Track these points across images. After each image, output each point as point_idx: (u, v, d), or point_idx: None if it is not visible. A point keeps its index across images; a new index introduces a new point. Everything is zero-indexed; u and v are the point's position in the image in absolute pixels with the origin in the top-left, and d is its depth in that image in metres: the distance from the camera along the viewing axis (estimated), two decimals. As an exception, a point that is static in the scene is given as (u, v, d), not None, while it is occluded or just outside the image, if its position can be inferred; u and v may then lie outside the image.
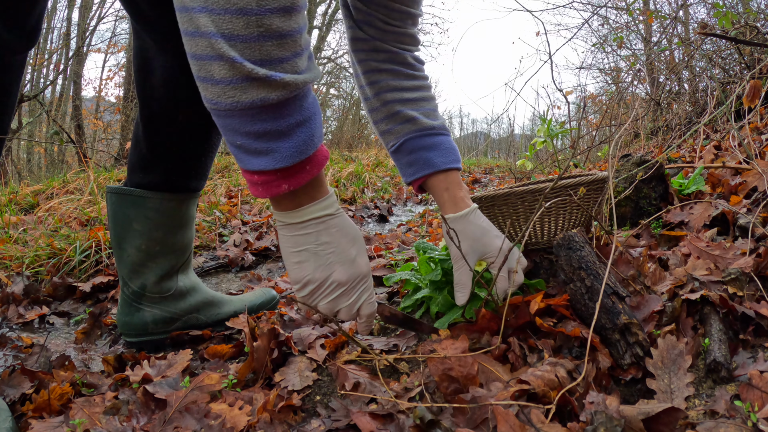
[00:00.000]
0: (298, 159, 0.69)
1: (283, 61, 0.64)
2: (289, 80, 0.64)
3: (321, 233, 0.78)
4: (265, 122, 0.66)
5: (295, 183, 0.72)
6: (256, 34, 0.61)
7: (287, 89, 0.65)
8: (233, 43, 0.61)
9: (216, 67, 0.63)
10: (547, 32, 7.13)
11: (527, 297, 0.95)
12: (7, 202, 3.09)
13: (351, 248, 0.80)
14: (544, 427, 0.67)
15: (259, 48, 0.62)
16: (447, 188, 1.04)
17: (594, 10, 5.86)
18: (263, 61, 0.63)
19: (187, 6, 0.62)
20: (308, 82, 0.68)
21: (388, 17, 1.05)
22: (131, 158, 1.14)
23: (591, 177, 1.08)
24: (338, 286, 0.80)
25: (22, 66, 0.96)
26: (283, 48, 0.63)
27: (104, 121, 12.09)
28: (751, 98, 1.92)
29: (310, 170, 0.72)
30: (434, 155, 1.05)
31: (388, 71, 1.09)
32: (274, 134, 0.67)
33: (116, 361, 1.08)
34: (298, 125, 0.68)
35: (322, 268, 0.78)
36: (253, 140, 0.68)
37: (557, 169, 3.69)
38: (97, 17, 9.57)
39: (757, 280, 0.93)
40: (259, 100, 0.64)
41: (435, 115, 1.10)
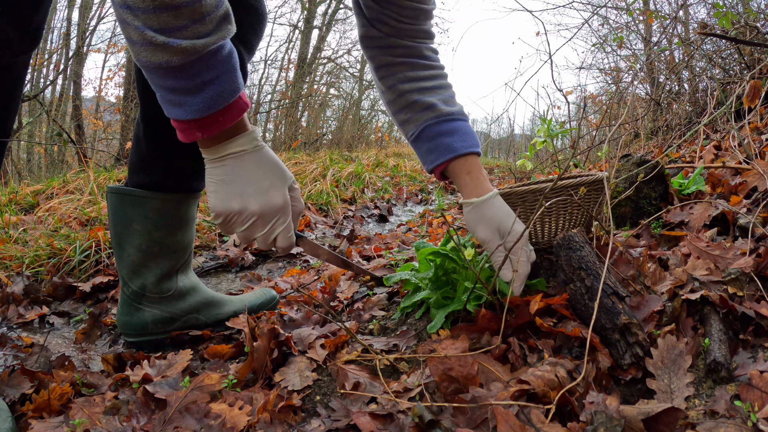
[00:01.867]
0: (207, 112, 0.76)
1: (181, 29, 0.70)
2: (186, 45, 0.71)
3: (236, 166, 0.84)
4: (174, 79, 0.74)
5: (208, 132, 0.79)
6: (151, 7, 0.67)
7: (185, 54, 0.71)
8: (136, 14, 0.68)
9: (131, 31, 0.71)
10: (547, 32, 7.14)
11: (527, 297, 0.95)
12: (7, 202, 3.09)
13: (265, 181, 0.86)
14: (544, 427, 0.67)
15: (156, 18, 0.68)
16: (469, 172, 1.05)
17: (594, 10, 5.86)
18: (162, 30, 0.69)
19: None
20: (209, 46, 0.73)
21: (401, 14, 1.05)
22: (132, 158, 1.14)
23: (591, 177, 1.08)
24: (251, 215, 0.85)
25: (26, 67, 0.95)
26: (178, 17, 0.69)
27: (104, 121, 12.09)
28: (751, 98, 1.92)
29: (223, 121, 0.79)
30: (454, 140, 1.06)
31: (404, 64, 1.10)
32: (183, 90, 0.75)
33: (116, 360, 1.08)
34: (205, 84, 0.75)
35: (236, 198, 0.84)
36: (168, 93, 0.76)
37: (557, 169, 3.69)
38: (97, 17, 9.57)
39: (757, 280, 0.93)
40: (165, 62, 0.71)
41: (453, 102, 1.11)
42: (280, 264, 2.01)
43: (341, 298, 1.34)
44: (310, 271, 1.81)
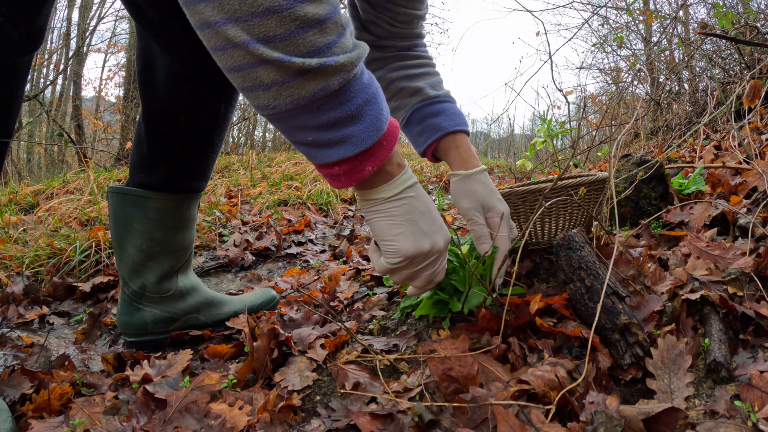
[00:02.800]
0: (375, 138, 0.66)
1: (331, 45, 0.61)
2: (344, 61, 0.61)
3: (414, 201, 0.76)
4: (333, 110, 0.63)
5: (378, 161, 0.69)
6: (294, 28, 0.58)
7: (345, 70, 0.62)
8: (273, 44, 0.58)
9: (262, 72, 0.60)
10: (547, 32, 7.14)
11: (527, 297, 0.95)
12: (7, 202, 3.09)
13: (438, 215, 0.79)
14: (544, 427, 0.67)
15: (302, 41, 0.59)
16: (457, 147, 1.06)
17: (594, 10, 5.86)
18: (311, 52, 0.59)
19: (208, 21, 0.58)
20: (362, 57, 0.65)
21: (395, 20, 1.08)
22: (133, 158, 1.14)
23: (591, 177, 1.08)
24: (437, 253, 0.78)
25: (28, 68, 0.95)
26: (325, 33, 0.60)
27: (104, 121, 12.09)
28: (751, 98, 1.92)
29: (387, 145, 0.69)
30: (441, 120, 1.07)
31: (394, 57, 1.14)
32: (345, 120, 0.64)
33: (116, 360, 1.08)
34: (366, 103, 0.65)
35: (425, 237, 0.76)
36: (325, 132, 0.64)
37: (557, 169, 3.69)
38: (97, 17, 9.57)
39: (757, 280, 0.93)
40: (321, 90, 0.61)
41: (440, 86, 1.13)
42: (280, 264, 2.01)
43: (341, 298, 1.34)
44: (310, 271, 1.82)
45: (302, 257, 2.07)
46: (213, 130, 1.13)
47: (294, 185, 3.66)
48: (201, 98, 1.07)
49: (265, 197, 3.21)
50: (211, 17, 0.58)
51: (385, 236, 0.76)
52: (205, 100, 1.07)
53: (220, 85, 1.08)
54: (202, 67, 1.04)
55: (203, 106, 1.08)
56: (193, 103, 1.07)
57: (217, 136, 1.15)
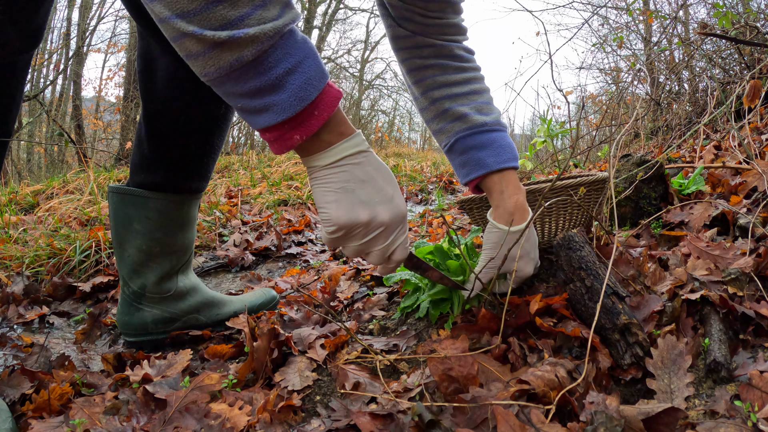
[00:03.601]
0: (300, 107, 0.67)
1: (244, 17, 0.63)
2: (255, 32, 0.63)
3: (356, 170, 0.74)
4: (252, 80, 0.65)
5: (307, 131, 0.69)
6: (204, 3, 0.61)
7: (258, 41, 0.63)
8: (189, 19, 0.62)
9: (187, 43, 0.64)
10: (547, 32, 7.14)
11: (527, 297, 0.95)
12: (7, 202, 3.09)
13: (388, 186, 0.76)
14: (544, 427, 0.67)
15: (212, 15, 0.62)
16: (501, 191, 0.99)
17: (594, 10, 5.86)
18: (222, 25, 0.62)
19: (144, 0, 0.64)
20: (279, 29, 0.65)
21: (426, 9, 0.99)
22: (133, 158, 1.14)
23: (591, 177, 1.08)
24: (379, 225, 0.76)
25: (27, 66, 0.95)
26: (236, 6, 0.62)
27: (104, 121, 12.10)
28: (751, 98, 1.92)
29: (319, 115, 0.69)
30: (486, 155, 1.00)
31: (435, 66, 1.04)
32: (266, 89, 0.66)
33: (116, 360, 1.08)
34: (288, 73, 0.66)
35: (363, 207, 0.74)
36: (250, 99, 0.67)
37: (557, 169, 3.69)
38: (97, 17, 9.58)
39: (757, 280, 0.93)
40: (236, 60, 0.63)
41: (488, 109, 1.04)
42: (280, 264, 2.01)
43: (341, 298, 1.34)
44: (310, 271, 1.82)
45: (302, 257, 2.07)
46: (213, 131, 1.13)
47: (294, 185, 3.66)
48: (201, 99, 1.07)
49: (265, 197, 3.21)
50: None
51: (319, 203, 0.75)
52: (205, 101, 1.07)
53: None
54: None
55: (204, 106, 1.08)
56: (193, 104, 1.07)
57: (217, 137, 1.15)
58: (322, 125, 0.71)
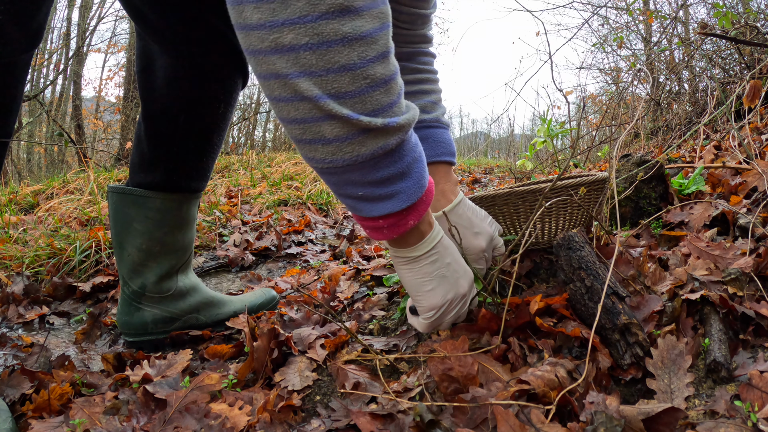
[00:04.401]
0: (420, 193, 0.69)
1: (393, 105, 0.63)
2: (403, 122, 0.64)
3: (443, 256, 0.79)
4: (387, 168, 0.66)
5: (418, 216, 0.71)
6: (365, 86, 0.60)
7: (403, 131, 0.65)
8: (343, 101, 0.59)
9: (326, 127, 0.61)
10: (547, 32, 7.14)
11: (527, 297, 0.95)
12: (7, 202, 3.09)
13: (459, 257, 0.81)
14: (544, 427, 0.67)
15: (370, 99, 0.61)
16: (436, 183, 1.03)
17: (594, 10, 5.86)
18: (376, 111, 0.62)
19: (278, 73, 0.59)
20: (416, 119, 0.68)
21: (397, 19, 1.01)
22: (133, 158, 1.14)
23: (591, 177, 1.08)
24: (463, 296, 0.82)
25: (27, 66, 0.96)
26: (390, 93, 0.63)
27: (104, 121, 12.10)
28: (751, 98, 1.92)
29: (427, 200, 0.72)
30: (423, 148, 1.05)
31: None
32: (396, 177, 0.67)
33: (116, 360, 1.08)
34: (414, 161, 0.68)
35: (452, 288, 0.80)
36: (375, 188, 0.67)
37: (557, 169, 3.69)
38: (97, 17, 9.58)
39: (757, 280, 0.93)
40: (380, 148, 0.63)
41: (431, 108, 1.08)
42: (280, 264, 2.01)
43: (341, 298, 1.34)
44: (310, 271, 1.82)
45: (302, 257, 2.07)
46: (213, 130, 1.13)
47: (294, 185, 3.66)
48: (200, 98, 1.07)
49: (265, 197, 3.21)
50: (284, 69, 0.58)
51: (418, 292, 0.80)
52: (204, 100, 1.08)
53: (219, 85, 1.08)
54: (201, 67, 1.04)
55: (203, 106, 1.08)
56: (192, 103, 1.07)
57: (216, 136, 1.15)
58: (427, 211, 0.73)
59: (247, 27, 0.58)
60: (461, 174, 5.59)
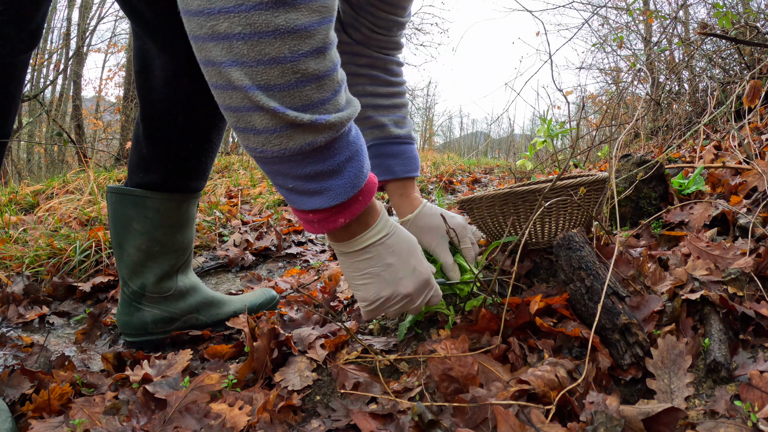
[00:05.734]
0: (351, 193, 0.69)
1: (325, 102, 0.63)
2: (334, 120, 0.63)
3: (381, 256, 0.79)
4: (315, 164, 0.65)
5: (350, 215, 0.72)
6: (294, 80, 0.59)
7: (333, 129, 0.64)
8: (272, 93, 0.59)
9: (256, 117, 0.61)
10: (547, 32, 7.14)
11: (527, 297, 0.95)
12: (7, 202, 3.09)
13: (410, 260, 0.82)
14: (544, 427, 0.67)
15: (299, 94, 0.60)
16: (401, 194, 1.16)
17: (594, 10, 5.86)
18: (305, 107, 0.61)
19: (213, 60, 0.60)
20: (351, 118, 0.67)
21: (375, 24, 1.07)
22: (132, 158, 1.14)
23: (591, 177, 1.08)
24: (405, 296, 0.82)
25: (25, 67, 0.96)
26: (322, 89, 0.62)
27: (104, 121, 12.10)
28: (751, 98, 1.92)
29: (362, 200, 0.72)
30: (395, 163, 1.15)
31: (367, 76, 1.14)
32: (326, 174, 0.67)
33: (115, 359, 1.08)
34: (348, 161, 0.68)
35: (388, 286, 0.80)
36: (305, 182, 0.67)
37: (557, 169, 3.68)
38: (97, 17, 9.58)
39: (757, 280, 0.93)
40: (308, 144, 0.63)
41: (403, 123, 1.18)
42: (280, 264, 2.01)
43: (341, 298, 1.34)
44: (310, 271, 1.82)
45: (302, 257, 2.07)
46: (211, 130, 1.13)
47: (294, 185, 3.65)
48: (199, 98, 1.07)
49: (265, 197, 3.21)
50: (217, 57, 0.59)
51: (351, 282, 0.82)
52: (203, 100, 1.07)
53: None
54: (199, 66, 1.04)
55: (201, 105, 1.08)
56: (191, 103, 1.06)
57: (215, 136, 1.14)
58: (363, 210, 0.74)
59: (188, 12, 0.58)
60: (461, 174, 5.59)
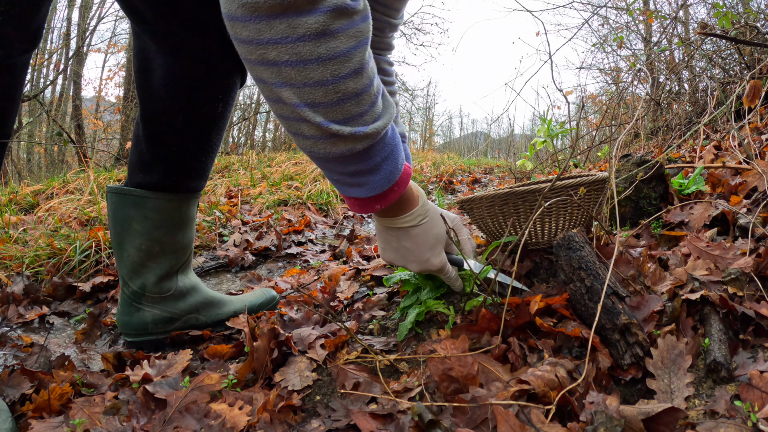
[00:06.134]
0: (386, 187, 0.79)
1: (363, 114, 0.71)
2: (370, 131, 0.71)
3: (402, 238, 0.92)
4: (355, 164, 0.75)
5: (386, 203, 0.83)
6: (336, 99, 0.67)
7: (370, 139, 0.72)
8: (317, 110, 0.67)
9: (304, 127, 0.70)
10: (547, 32, 7.13)
11: (527, 297, 0.95)
12: (7, 202, 3.09)
13: (426, 252, 0.93)
14: (544, 427, 0.67)
15: (340, 110, 0.68)
16: None
17: (594, 10, 5.86)
18: (346, 120, 0.69)
19: (264, 80, 0.67)
20: (387, 126, 0.74)
21: None
22: (132, 158, 1.14)
23: (591, 177, 1.08)
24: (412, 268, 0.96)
25: (26, 67, 0.96)
26: (360, 104, 0.70)
27: (104, 121, 12.09)
28: (751, 98, 1.92)
29: (397, 190, 0.83)
30: None
31: None
32: (364, 172, 0.76)
33: (115, 359, 1.08)
34: (384, 160, 0.77)
35: (399, 259, 0.95)
36: (348, 177, 0.78)
37: (557, 169, 3.68)
38: (97, 17, 9.57)
39: (757, 280, 0.93)
40: (348, 150, 0.72)
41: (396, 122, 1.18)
42: (280, 264, 2.01)
43: (341, 298, 1.34)
44: (310, 271, 1.81)
45: (302, 257, 2.07)
46: (211, 130, 1.13)
47: (294, 185, 3.66)
48: (199, 98, 1.07)
49: (265, 197, 3.21)
50: (268, 78, 0.67)
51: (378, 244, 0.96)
52: (202, 100, 1.07)
53: (218, 84, 1.08)
54: (199, 66, 1.04)
55: (201, 105, 1.08)
56: (190, 103, 1.06)
57: (215, 136, 1.14)
58: (398, 198, 0.85)
59: (237, 40, 0.66)
60: (461, 174, 5.59)
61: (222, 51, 1.05)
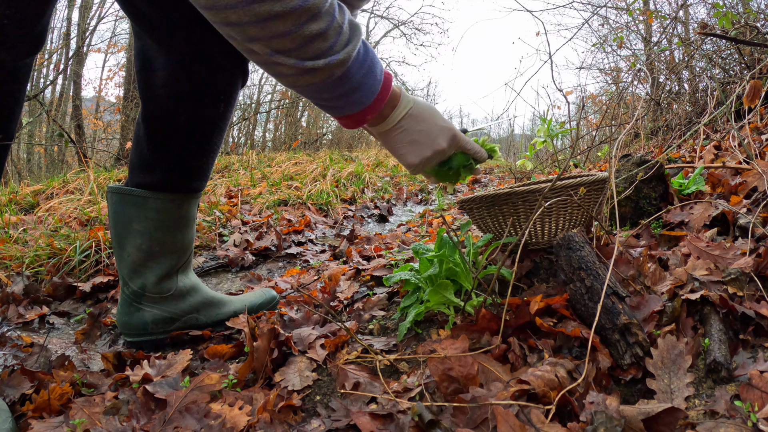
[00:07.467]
0: (372, 98, 0.83)
1: (333, 46, 0.74)
2: (343, 57, 0.75)
3: (413, 124, 0.93)
4: (339, 87, 0.79)
5: (375, 110, 0.86)
6: (303, 42, 0.71)
7: (345, 62, 0.76)
8: (288, 53, 0.72)
9: (282, 68, 0.75)
10: (547, 32, 7.13)
11: (527, 297, 0.95)
12: (7, 202, 3.09)
13: (436, 120, 0.95)
14: (544, 427, 0.67)
15: (310, 49, 0.72)
16: None
17: (594, 10, 5.86)
18: (317, 56, 0.73)
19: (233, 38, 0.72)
20: (357, 46, 0.78)
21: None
22: (132, 158, 1.14)
23: (591, 177, 1.08)
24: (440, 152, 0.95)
25: (28, 71, 0.96)
26: (327, 39, 0.73)
27: (104, 121, 12.09)
28: (751, 98, 1.92)
29: (381, 97, 0.86)
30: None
31: None
32: (348, 92, 0.80)
33: (115, 359, 1.08)
34: (363, 77, 0.81)
35: (426, 147, 0.94)
36: (335, 100, 0.82)
37: (557, 169, 3.68)
38: (97, 17, 9.57)
39: (757, 280, 0.93)
40: (328, 77, 0.76)
41: None
42: (280, 264, 2.01)
43: (341, 298, 1.34)
44: (310, 271, 1.82)
45: (302, 257, 2.07)
46: (212, 130, 1.13)
47: (294, 185, 3.66)
48: (200, 98, 1.07)
49: (265, 197, 3.21)
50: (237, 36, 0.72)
51: (396, 154, 0.96)
52: (204, 100, 1.07)
53: (219, 84, 1.08)
54: (200, 66, 1.04)
55: (202, 106, 1.08)
56: (192, 103, 1.06)
57: (216, 136, 1.14)
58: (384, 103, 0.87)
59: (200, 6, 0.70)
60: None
61: (223, 51, 1.05)
